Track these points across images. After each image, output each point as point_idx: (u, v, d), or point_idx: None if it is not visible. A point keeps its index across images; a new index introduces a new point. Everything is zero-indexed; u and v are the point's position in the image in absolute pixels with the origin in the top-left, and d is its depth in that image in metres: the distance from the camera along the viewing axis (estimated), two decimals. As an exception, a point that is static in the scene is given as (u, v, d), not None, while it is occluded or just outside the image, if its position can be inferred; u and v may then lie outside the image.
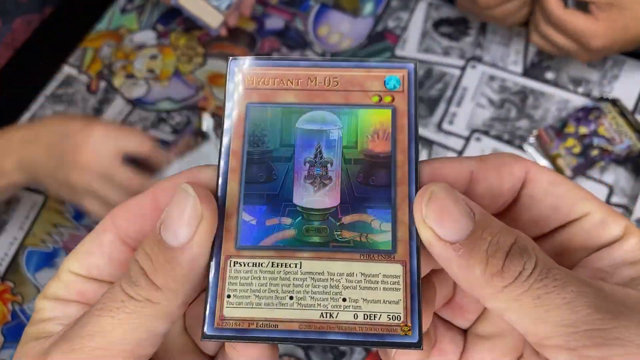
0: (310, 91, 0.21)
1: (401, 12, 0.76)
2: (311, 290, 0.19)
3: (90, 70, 0.74)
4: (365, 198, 0.20)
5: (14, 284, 0.62)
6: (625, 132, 0.63)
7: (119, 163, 0.55)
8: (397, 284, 0.19)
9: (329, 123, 0.21)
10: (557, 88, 0.69)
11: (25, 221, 0.65)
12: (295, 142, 0.21)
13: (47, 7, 0.77)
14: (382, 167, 0.20)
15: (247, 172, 0.20)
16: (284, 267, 0.19)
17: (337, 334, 0.19)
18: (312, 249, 0.20)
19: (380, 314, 0.19)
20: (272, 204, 0.20)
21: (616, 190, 0.63)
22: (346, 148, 0.21)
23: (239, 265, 0.19)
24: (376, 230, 0.20)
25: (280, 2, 0.78)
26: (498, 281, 0.18)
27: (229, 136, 0.21)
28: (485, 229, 0.19)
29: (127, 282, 0.20)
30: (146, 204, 0.22)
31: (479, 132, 0.68)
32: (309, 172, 0.20)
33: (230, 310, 0.19)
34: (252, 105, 0.21)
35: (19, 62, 0.75)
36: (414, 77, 0.21)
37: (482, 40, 0.73)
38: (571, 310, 0.18)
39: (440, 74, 0.72)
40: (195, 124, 0.67)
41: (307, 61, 0.21)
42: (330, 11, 0.78)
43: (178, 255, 0.19)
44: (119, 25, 0.78)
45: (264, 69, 0.21)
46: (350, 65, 0.21)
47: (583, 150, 0.64)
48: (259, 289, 0.19)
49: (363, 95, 0.21)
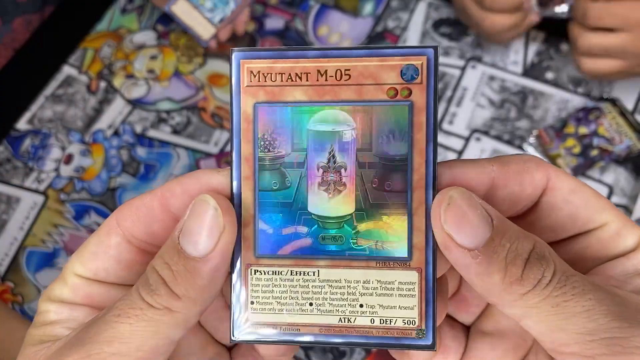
0: (321, 87, 0.20)
1: (401, 12, 0.76)
2: (329, 297, 0.20)
3: (90, 71, 0.74)
4: (380, 204, 0.20)
5: (14, 284, 0.62)
6: (625, 132, 0.64)
7: None
8: (413, 290, 0.20)
9: (342, 123, 0.20)
10: (557, 88, 0.69)
11: (25, 221, 0.65)
12: (308, 145, 0.20)
13: (48, 7, 0.77)
14: (398, 170, 0.20)
15: (260, 180, 0.20)
16: (302, 276, 0.20)
17: (355, 337, 0.20)
18: (329, 257, 0.20)
19: (396, 319, 0.20)
20: (287, 212, 0.20)
21: (616, 190, 0.63)
22: (360, 151, 0.20)
23: (259, 274, 0.20)
24: (392, 238, 0.20)
25: (280, 2, 0.78)
26: (517, 288, 0.18)
27: (238, 140, 0.20)
28: (504, 236, 0.19)
29: (146, 290, 0.20)
30: (155, 206, 0.21)
31: (479, 132, 0.68)
32: (322, 178, 0.20)
33: (255, 315, 0.20)
34: (260, 105, 0.20)
35: (19, 62, 0.75)
36: (433, 65, 0.19)
37: (482, 41, 0.73)
38: (589, 319, 0.18)
39: (440, 74, 0.72)
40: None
41: (316, 51, 0.19)
42: (330, 11, 0.78)
43: (199, 266, 0.19)
44: (119, 26, 0.78)
45: (270, 62, 0.20)
46: (363, 53, 0.19)
47: (583, 150, 0.64)
48: (279, 296, 0.20)
49: (377, 89, 0.19)
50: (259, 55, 0.20)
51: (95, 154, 0.69)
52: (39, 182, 0.67)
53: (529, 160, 0.21)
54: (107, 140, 0.69)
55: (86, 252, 0.22)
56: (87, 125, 0.71)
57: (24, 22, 0.74)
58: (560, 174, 0.21)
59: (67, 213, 0.65)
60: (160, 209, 0.21)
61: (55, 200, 0.66)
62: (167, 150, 0.69)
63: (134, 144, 0.69)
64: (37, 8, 0.76)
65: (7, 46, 0.74)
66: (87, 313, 0.22)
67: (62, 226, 0.65)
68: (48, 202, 0.66)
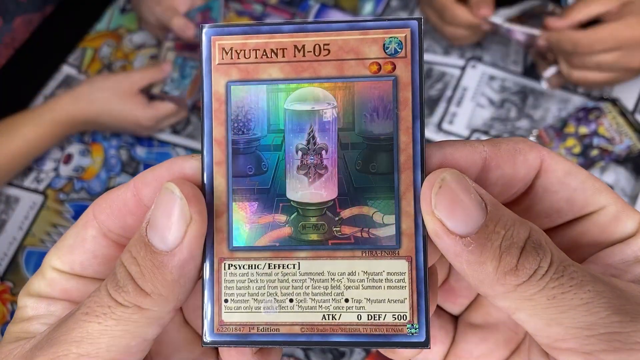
0: (298, 63, 0.18)
1: (401, 12, 0.76)
2: (311, 292, 0.18)
3: (89, 70, 0.74)
4: (365, 188, 0.18)
5: (13, 284, 0.62)
6: (625, 132, 0.63)
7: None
8: (403, 281, 0.18)
9: (322, 101, 0.18)
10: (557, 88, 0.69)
11: (24, 221, 0.65)
12: (285, 126, 0.18)
13: (48, 7, 0.77)
14: (383, 150, 0.18)
15: (234, 165, 0.18)
16: (281, 269, 0.18)
17: (340, 336, 0.18)
18: (310, 247, 0.18)
19: (385, 313, 0.18)
20: (263, 199, 0.18)
21: (616, 190, 0.63)
22: (342, 130, 0.18)
23: (233, 268, 0.18)
24: (378, 224, 0.18)
25: (280, 1, 0.78)
26: (511, 279, 0.17)
27: (209, 121, 0.18)
28: (498, 222, 0.17)
29: (114, 287, 0.19)
30: (128, 198, 0.20)
31: (479, 132, 0.68)
32: (301, 161, 0.18)
33: (229, 315, 0.18)
34: (232, 84, 0.18)
35: (19, 61, 0.75)
36: (418, 37, 0.18)
37: (482, 40, 0.73)
38: (588, 312, 0.17)
39: (440, 73, 0.71)
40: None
41: (292, 25, 0.18)
42: (330, 11, 0.78)
43: (167, 260, 0.18)
44: (119, 25, 0.78)
45: (243, 37, 0.18)
46: (342, 27, 0.18)
47: (583, 150, 0.64)
48: (256, 292, 0.18)
49: (359, 64, 0.18)
50: (230, 31, 0.18)
51: (94, 153, 0.69)
52: (38, 182, 0.67)
53: (521, 141, 0.20)
54: (106, 140, 0.69)
55: (63, 245, 0.22)
56: (86, 125, 0.71)
57: (24, 21, 0.74)
58: (554, 155, 0.20)
59: (66, 213, 0.65)
60: (133, 200, 0.20)
61: (54, 200, 0.66)
62: (167, 150, 0.69)
63: (133, 143, 0.69)
64: (37, 8, 0.76)
65: (7, 46, 0.74)
66: (64, 308, 0.21)
67: (62, 226, 0.65)
68: (47, 202, 0.66)
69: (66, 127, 0.65)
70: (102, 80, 0.67)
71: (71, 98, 0.65)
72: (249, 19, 0.77)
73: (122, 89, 0.65)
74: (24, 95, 0.73)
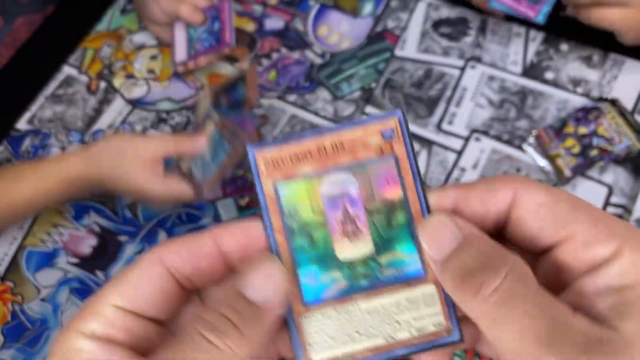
0: (323, 158, 0.24)
1: (401, 13, 0.76)
2: (372, 323, 0.24)
3: (90, 71, 0.75)
4: (393, 238, 0.24)
5: (13, 284, 0.62)
6: (625, 132, 0.64)
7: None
8: (434, 298, 0.24)
9: (346, 183, 0.24)
10: (557, 88, 0.69)
11: (25, 221, 0.65)
12: (324, 207, 0.24)
13: (49, 7, 0.77)
14: (399, 208, 0.24)
15: (294, 244, 0.24)
16: (346, 312, 0.24)
17: (401, 350, 0.24)
18: (364, 291, 0.24)
19: (428, 325, 0.24)
20: (321, 264, 0.24)
21: (615, 190, 0.63)
22: (366, 201, 0.24)
23: (310, 319, 0.24)
24: (408, 262, 0.24)
25: (280, 2, 0.79)
26: (466, 293, 0.21)
27: (267, 215, 0.24)
28: (465, 247, 0.21)
29: (211, 332, 0.21)
30: (206, 243, 0.23)
31: (479, 132, 0.68)
32: (342, 229, 0.24)
33: (315, 354, 0.24)
34: (279, 183, 0.24)
35: (20, 61, 0.75)
36: (404, 121, 0.24)
37: (482, 41, 0.73)
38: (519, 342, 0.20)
39: (439, 74, 0.72)
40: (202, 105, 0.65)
41: (312, 133, 0.24)
42: (330, 11, 0.78)
43: (265, 314, 0.22)
44: (119, 26, 0.78)
45: (279, 148, 0.24)
46: (348, 127, 0.24)
47: (582, 150, 0.64)
48: (332, 333, 0.24)
49: (367, 150, 0.24)
50: (267, 144, 0.24)
51: (95, 153, 0.69)
52: (39, 182, 0.67)
53: (498, 180, 0.23)
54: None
55: (125, 283, 0.22)
56: (87, 125, 0.71)
57: (25, 22, 0.75)
58: (529, 187, 0.22)
59: (66, 213, 0.66)
60: (212, 247, 0.23)
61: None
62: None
63: (133, 144, 0.69)
64: (38, 8, 0.76)
65: (8, 46, 0.74)
66: (124, 355, 0.21)
67: (62, 226, 0.65)
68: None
69: (71, 187, 0.59)
70: (118, 141, 0.60)
71: (80, 157, 0.59)
72: (249, 19, 0.77)
73: (139, 156, 0.58)
74: (24, 96, 0.73)
